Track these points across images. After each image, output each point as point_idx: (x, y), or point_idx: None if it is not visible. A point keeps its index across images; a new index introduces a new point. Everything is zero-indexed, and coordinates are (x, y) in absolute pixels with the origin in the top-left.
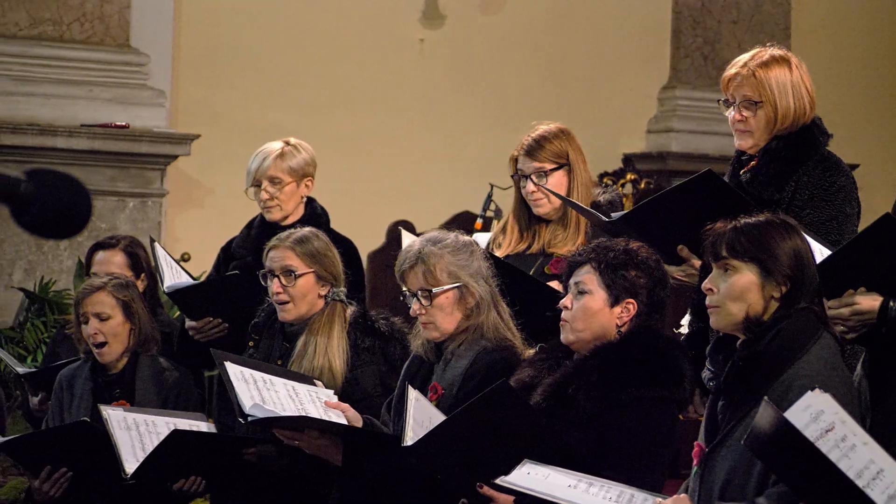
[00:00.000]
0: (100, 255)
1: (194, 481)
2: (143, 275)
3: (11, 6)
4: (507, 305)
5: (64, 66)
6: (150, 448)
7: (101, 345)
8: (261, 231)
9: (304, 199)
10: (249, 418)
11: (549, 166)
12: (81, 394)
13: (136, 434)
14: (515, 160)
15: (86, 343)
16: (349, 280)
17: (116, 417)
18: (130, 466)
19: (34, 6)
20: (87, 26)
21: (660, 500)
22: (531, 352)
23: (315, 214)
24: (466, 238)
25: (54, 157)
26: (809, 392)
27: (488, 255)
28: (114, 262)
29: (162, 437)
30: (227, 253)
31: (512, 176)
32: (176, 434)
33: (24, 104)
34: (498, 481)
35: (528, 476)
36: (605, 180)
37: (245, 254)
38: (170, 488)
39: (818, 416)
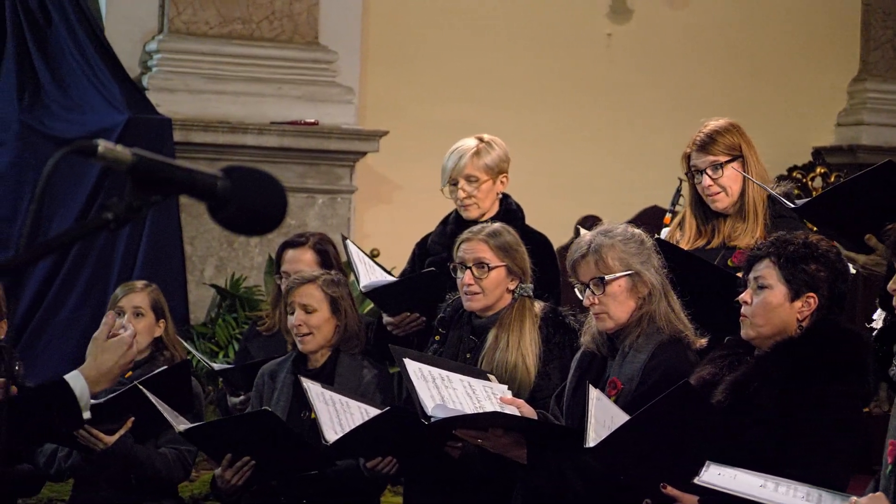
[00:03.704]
0: (290, 254)
1: (389, 462)
2: (332, 272)
3: (202, 5)
4: (676, 296)
5: (253, 63)
6: (345, 423)
7: (304, 335)
8: (456, 228)
9: (500, 196)
10: (432, 419)
11: (723, 158)
12: (282, 386)
13: (332, 409)
14: (688, 157)
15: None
16: (542, 276)
17: (315, 391)
18: (330, 436)
19: (224, 5)
20: (277, 24)
21: (854, 499)
22: (703, 341)
23: (510, 211)
24: (636, 230)
25: (244, 154)
26: None
27: (662, 243)
28: (303, 260)
29: (354, 418)
30: (423, 249)
31: (686, 174)
32: (393, 411)
33: (215, 102)
34: (696, 481)
35: (718, 476)
36: (793, 174)
37: (441, 250)
38: (363, 467)
39: None
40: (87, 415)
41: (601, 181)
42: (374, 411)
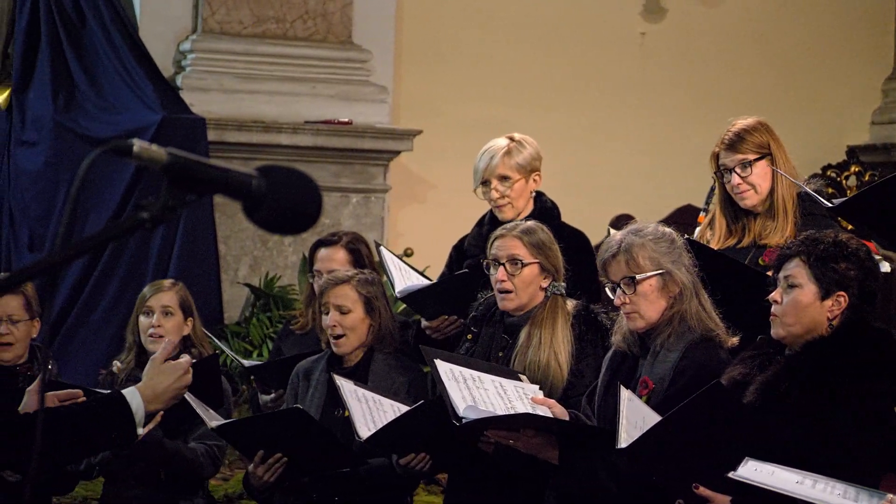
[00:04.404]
0: (322, 252)
1: (422, 458)
2: (366, 271)
3: (236, 4)
4: (708, 295)
5: (287, 63)
6: (378, 420)
7: (339, 336)
8: (492, 228)
9: (533, 194)
10: (464, 420)
11: (751, 157)
12: (316, 384)
13: (366, 406)
14: (716, 156)
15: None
16: (579, 272)
17: (348, 388)
18: (364, 433)
19: (258, 4)
20: (310, 23)
21: (891, 496)
22: (734, 340)
23: (545, 209)
24: (667, 229)
25: (278, 153)
26: None
27: (692, 243)
28: (336, 259)
29: (387, 415)
30: (460, 252)
31: (715, 173)
32: (428, 404)
33: (249, 101)
34: (731, 475)
35: (756, 472)
36: (828, 173)
37: (477, 251)
38: (395, 464)
39: None
40: (140, 431)
41: (634, 180)
42: (406, 409)
